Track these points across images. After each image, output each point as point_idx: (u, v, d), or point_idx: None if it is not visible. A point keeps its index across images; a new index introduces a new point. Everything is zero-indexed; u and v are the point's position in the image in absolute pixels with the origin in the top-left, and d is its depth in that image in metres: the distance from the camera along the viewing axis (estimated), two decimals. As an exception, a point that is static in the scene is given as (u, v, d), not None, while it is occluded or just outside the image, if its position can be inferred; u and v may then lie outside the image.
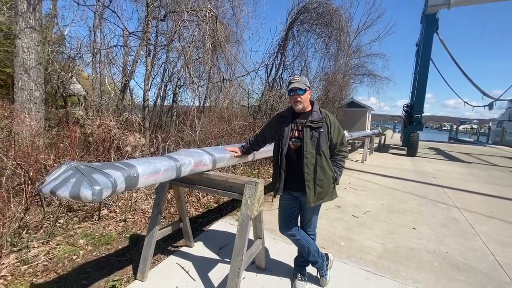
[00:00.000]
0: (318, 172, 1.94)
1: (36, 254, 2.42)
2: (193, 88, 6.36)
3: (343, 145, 2.04)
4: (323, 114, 2.00)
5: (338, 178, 2.04)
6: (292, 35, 8.71)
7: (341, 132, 2.02)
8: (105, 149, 3.73)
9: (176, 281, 2.17)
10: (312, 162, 1.94)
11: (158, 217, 2.22)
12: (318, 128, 1.95)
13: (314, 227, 2.21)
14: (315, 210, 2.12)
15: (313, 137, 1.94)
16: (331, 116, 2.03)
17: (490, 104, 19.66)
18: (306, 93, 1.98)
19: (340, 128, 2.02)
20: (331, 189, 2.03)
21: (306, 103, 2.01)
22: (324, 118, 1.99)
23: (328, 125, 1.98)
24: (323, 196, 2.00)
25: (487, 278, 2.44)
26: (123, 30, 5.79)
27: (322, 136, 1.94)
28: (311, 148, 1.93)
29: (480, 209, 4.38)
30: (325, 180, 1.97)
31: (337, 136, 2.00)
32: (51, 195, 1.19)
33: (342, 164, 2.07)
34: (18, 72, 4.36)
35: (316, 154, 1.94)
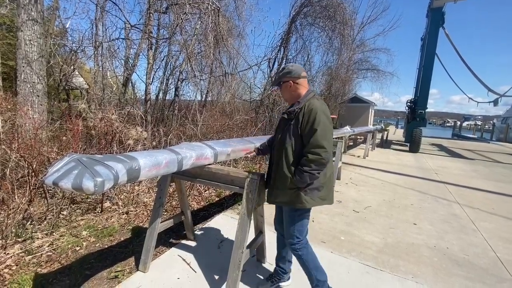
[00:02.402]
0: (277, 170, 1.78)
1: (40, 244, 2.46)
2: (195, 82, 6.35)
3: (313, 145, 1.61)
4: (303, 104, 1.71)
5: (296, 183, 1.68)
6: (295, 29, 8.63)
7: (315, 127, 1.61)
8: (107, 142, 3.76)
9: (177, 272, 2.20)
10: (276, 158, 1.81)
11: (160, 210, 2.24)
12: (289, 120, 1.75)
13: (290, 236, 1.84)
14: (286, 215, 1.86)
15: (283, 131, 1.78)
16: (311, 106, 1.67)
17: (495, 100, 19.44)
18: (283, 86, 1.85)
19: (316, 124, 1.61)
20: (292, 194, 1.72)
21: (286, 96, 1.87)
22: (299, 109, 1.71)
23: (300, 117, 1.68)
24: (280, 199, 1.78)
25: (487, 274, 2.44)
26: (125, 23, 5.77)
27: (290, 129, 1.72)
28: (278, 141, 1.81)
29: (482, 205, 4.37)
30: (281, 180, 1.75)
31: (307, 131, 1.64)
32: (53, 186, 1.20)
33: (302, 169, 1.64)
34: (20, 65, 4.37)
35: (280, 149, 1.77)
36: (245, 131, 6.32)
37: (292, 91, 1.83)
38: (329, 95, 12.04)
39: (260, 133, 6.65)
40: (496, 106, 19.99)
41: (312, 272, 1.86)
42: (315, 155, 1.61)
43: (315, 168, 1.63)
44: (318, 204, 1.75)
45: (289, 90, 1.83)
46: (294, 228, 1.82)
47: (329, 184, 1.79)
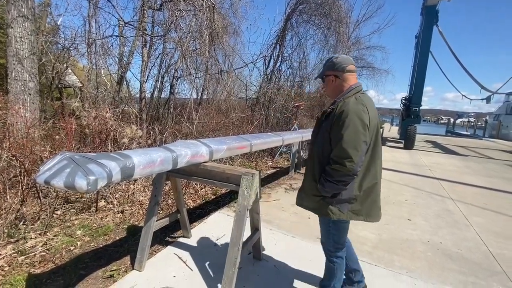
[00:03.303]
0: (307, 173, 1.71)
1: (34, 245, 2.43)
2: (191, 79, 6.31)
3: (337, 153, 1.44)
4: (337, 103, 1.53)
5: (321, 192, 1.55)
6: (291, 26, 8.62)
7: (342, 132, 1.42)
8: (102, 141, 3.71)
9: (173, 270, 2.19)
10: (308, 161, 1.70)
11: (155, 208, 2.22)
12: (323, 121, 1.61)
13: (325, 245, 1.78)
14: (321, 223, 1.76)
15: (316, 132, 1.65)
16: (343, 107, 1.47)
17: (487, 98, 19.71)
18: (326, 80, 1.67)
19: (343, 130, 1.42)
20: (317, 201, 1.61)
21: (329, 92, 1.70)
22: (332, 109, 1.54)
23: (332, 119, 1.50)
24: (307, 203, 1.70)
25: (479, 268, 2.49)
26: (118, 20, 5.69)
27: (322, 131, 1.57)
28: (311, 142, 1.70)
29: (474, 200, 4.44)
30: (308, 184, 1.67)
31: (334, 136, 1.47)
32: (45, 185, 1.19)
33: (325, 177, 1.50)
34: (11, 62, 4.29)
35: (312, 152, 1.67)
36: (241, 129, 6.31)
37: (335, 86, 1.63)
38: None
39: (256, 130, 6.65)
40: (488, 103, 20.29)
41: (333, 281, 1.79)
42: (339, 164, 1.43)
43: (338, 178, 1.45)
44: (350, 218, 1.58)
45: (331, 86, 1.64)
46: (330, 239, 1.72)
47: (367, 198, 1.57)
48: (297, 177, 5.45)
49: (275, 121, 7.97)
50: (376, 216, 1.63)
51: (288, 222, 3.27)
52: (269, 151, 7.10)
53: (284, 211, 3.59)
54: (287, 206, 3.80)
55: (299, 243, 2.76)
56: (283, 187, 4.69)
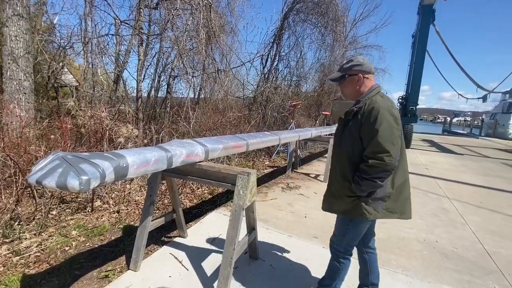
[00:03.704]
0: (334, 176, 1.65)
1: (28, 245, 2.41)
2: (187, 79, 6.29)
3: (374, 149, 1.41)
4: (363, 102, 1.52)
5: (355, 191, 1.52)
6: (288, 25, 8.62)
7: (376, 127, 1.41)
8: (98, 140, 3.69)
9: (169, 270, 2.18)
10: (334, 163, 1.66)
11: (150, 208, 2.21)
12: (348, 121, 1.59)
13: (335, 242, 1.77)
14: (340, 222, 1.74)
15: (341, 133, 1.63)
16: (372, 104, 1.46)
17: (484, 97, 19.84)
18: (348, 79, 1.64)
19: (377, 125, 1.41)
20: (351, 202, 1.56)
21: (348, 91, 1.67)
22: (359, 108, 1.53)
23: (361, 117, 1.49)
24: (337, 207, 1.65)
25: (475, 266, 2.50)
26: (114, 19, 5.65)
27: (350, 131, 1.55)
28: (335, 144, 1.66)
29: (470, 199, 4.46)
30: (338, 187, 1.62)
31: (367, 133, 1.45)
32: (37, 185, 1.17)
33: (361, 175, 1.46)
34: (6, 61, 4.25)
35: (339, 153, 1.63)
36: (239, 128, 6.29)
37: (358, 86, 1.61)
38: (322, 92, 12.07)
39: (253, 130, 6.64)
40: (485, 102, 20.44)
41: (336, 281, 1.79)
42: (376, 160, 1.41)
43: (375, 175, 1.42)
44: (385, 217, 1.56)
45: (355, 85, 1.62)
46: (344, 238, 1.70)
47: (400, 195, 1.57)
48: (294, 176, 5.46)
49: (272, 120, 7.97)
50: (409, 213, 1.63)
51: (285, 221, 3.27)
52: (266, 151, 7.10)
53: (280, 210, 3.59)
54: (283, 205, 3.80)
55: (295, 242, 2.76)
56: (280, 186, 4.69)
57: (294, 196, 4.25)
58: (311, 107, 11.56)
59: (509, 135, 18.88)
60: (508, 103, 20.56)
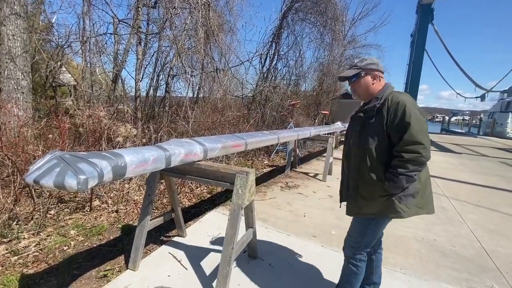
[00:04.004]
0: (361, 176, 1.55)
1: (27, 245, 2.41)
2: (186, 78, 6.27)
3: (409, 142, 1.38)
4: (385, 98, 1.50)
5: (389, 189, 1.47)
6: (287, 24, 8.61)
7: (407, 121, 1.38)
8: (96, 139, 3.68)
9: (168, 270, 2.18)
10: (356, 163, 1.57)
11: (149, 207, 2.21)
12: (370, 118, 1.53)
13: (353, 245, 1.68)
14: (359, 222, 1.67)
15: (362, 130, 1.55)
16: (396, 99, 1.45)
17: (482, 96, 19.93)
18: (364, 77, 1.59)
19: (407, 118, 1.38)
20: (384, 202, 1.51)
21: (362, 90, 1.62)
22: (381, 103, 1.49)
23: (385, 112, 1.46)
24: (367, 209, 1.56)
25: (472, 264, 2.51)
26: (112, 18, 5.63)
27: (371, 128, 1.50)
28: (357, 144, 1.57)
29: (469, 198, 4.48)
30: (367, 188, 1.54)
31: (397, 128, 1.41)
32: (35, 184, 1.17)
33: (397, 171, 1.42)
34: (3, 61, 4.23)
35: (360, 152, 1.54)
36: (237, 128, 6.29)
37: (373, 85, 1.59)
38: (321, 91, 12.08)
39: (252, 129, 6.64)
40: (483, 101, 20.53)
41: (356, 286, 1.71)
42: (412, 153, 1.38)
43: (412, 168, 1.40)
44: (415, 213, 1.52)
45: (369, 84, 1.59)
46: (363, 240, 1.63)
47: (426, 191, 1.56)
48: (293, 175, 5.46)
49: (271, 120, 7.97)
50: (433, 207, 1.61)
51: (284, 220, 3.27)
52: (265, 150, 7.10)
53: (279, 209, 3.60)
54: (282, 204, 3.80)
55: (294, 241, 2.77)
56: (279, 185, 4.70)
57: (293, 195, 4.25)
58: (310, 106, 11.57)
59: (507, 134, 18.96)
60: (506, 102, 20.64)
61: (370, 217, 1.59)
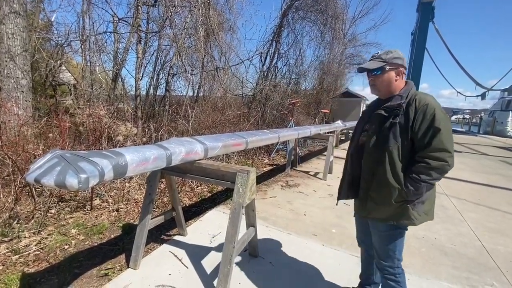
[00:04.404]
0: (376, 179, 1.46)
1: (28, 244, 2.41)
2: (186, 77, 6.27)
3: (437, 149, 1.32)
4: (410, 97, 1.40)
5: (408, 195, 1.39)
6: (287, 23, 8.59)
7: (437, 126, 1.31)
8: (96, 138, 3.68)
9: (169, 268, 2.18)
10: (371, 163, 1.47)
11: (150, 206, 2.21)
12: (393, 117, 1.41)
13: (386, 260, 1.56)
14: (382, 235, 1.55)
15: (382, 129, 1.43)
16: (425, 101, 1.36)
17: (482, 94, 19.90)
18: (388, 72, 1.45)
19: (437, 123, 1.31)
20: (397, 208, 1.43)
21: (383, 85, 1.49)
22: (407, 103, 1.39)
23: (411, 113, 1.36)
24: (377, 214, 1.49)
25: (473, 263, 2.51)
26: (112, 16, 5.61)
27: (395, 128, 1.38)
28: (373, 143, 1.46)
29: (469, 196, 4.48)
30: (381, 191, 1.44)
31: (425, 132, 1.33)
32: (35, 183, 1.17)
33: (419, 178, 1.35)
34: (3, 59, 4.22)
35: (378, 153, 1.43)
36: (238, 126, 6.29)
37: (396, 81, 1.47)
38: (321, 89, 12.06)
39: (253, 128, 6.63)
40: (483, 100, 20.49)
41: None
42: (440, 161, 1.32)
43: (436, 176, 1.35)
44: (424, 220, 1.46)
45: (392, 80, 1.47)
46: (396, 249, 1.52)
47: (431, 196, 1.51)
48: (293, 174, 5.46)
49: (271, 118, 7.97)
50: (433, 213, 1.56)
51: (284, 219, 3.27)
52: (265, 149, 7.10)
53: (280, 208, 3.60)
54: (283, 203, 3.80)
55: (294, 239, 2.77)
56: (280, 184, 4.70)
57: (293, 194, 4.26)
58: (310, 105, 11.55)
59: (507, 132, 18.95)
60: (507, 100, 20.62)
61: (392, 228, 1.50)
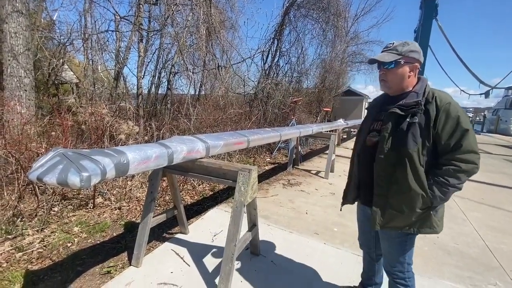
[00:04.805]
0: (395, 184, 1.33)
1: (31, 241, 2.43)
2: (188, 75, 6.27)
3: (466, 151, 1.23)
4: (428, 95, 1.29)
5: (434, 201, 1.29)
6: (289, 21, 8.54)
7: (464, 127, 1.22)
8: (98, 137, 3.69)
9: (170, 266, 2.19)
10: (387, 168, 1.34)
11: (151, 205, 2.22)
12: (410, 117, 1.29)
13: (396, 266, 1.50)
14: (394, 241, 1.46)
15: (398, 130, 1.31)
16: (447, 99, 1.25)
17: (486, 93, 19.73)
18: (403, 66, 1.33)
19: (464, 124, 1.22)
20: (420, 216, 1.32)
21: (396, 81, 1.36)
22: (425, 101, 1.28)
23: (432, 112, 1.25)
24: (398, 223, 1.36)
25: (476, 263, 2.50)
26: (114, 15, 5.61)
27: (415, 128, 1.27)
28: (389, 146, 1.32)
29: (472, 195, 4.46)
30: (403, 198, 1.32)
31: (450, 133, 1.23)
32: (38, 182, 1.17)
33: (448, 182, 1.25)
34: (6, 58, 4.24)
35: (396, 156, 1.31)
36: (239, 125, 6.28)
37: (409, 78, 1.36)
38: (323, 88, 12.02)
39: (254, 126, 6.63)
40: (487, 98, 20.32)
41: None
42: (470, 163, 1.23)
43: (464, 180, 1.27)
44: (442, 226, 1.39)
45: (406, 76, 1.35)
46: (405, 255, 1.46)
47: None
48: (295, 172, 5.45)
49: (273, 117, 7.95)
50: None
51: (286, 217, 3.27)
52: (267, 147, 7.09)
53: (281, 207, 3.60)
54: (285, 201, 3.80)
55: (296, 238, 2.77)
56: (281, 182, 4.70)
57: (295, 192, 4.25)
58: (312, 104, 11.52)
59: (511, 131, 18.80)
60: (511, 99, 20.44)
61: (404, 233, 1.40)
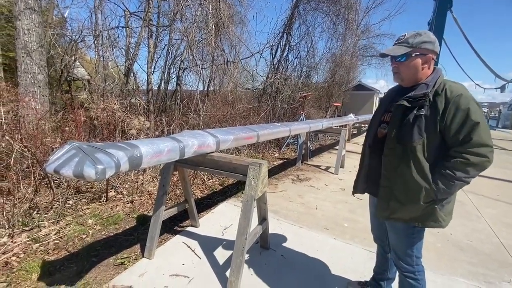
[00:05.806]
0: (399, 177, 1.33)
1: (47, 233, 2.50)
2: (197, 71, 6.27)
3: (477, 144, 1.19)
4: (438, 87, 1.26)
5: (438, 194, 1.27)
6: (298, 14, 8.43)
7: (475, 119, 1.18)
8: (110, 132, 3.76)
9: (182, 258, 2.23)
10: (394, 160, 1.34)
11: (163, 198, 2.25)
12: (417, 109, 1.27)
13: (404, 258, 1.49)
14: (400, 233, 1.46)
15: (404, 122, 1.30)
16: (458, 91, 1.22)
17: (502, 87, 19.05)
18: (416, 58, 1.30)
19: (475, 116, 1.18)
20: (424, 209, 1.31)
21: (409, 72, 1.34)
22: (433, 93, 1.26)
23: (440, 104, 1.23)
24: (401, 214, 1.36)
25: (490, 259, 2.45)
26: (124, 11, 5.65)
27: (420, 121, 1.25)
28: (395, 137, 1.32)
29: (487, 192, 4.34)
30: (407, 190, 1.32)
31: (459, 125, 1.20)
32: (54, 174, 1.20)
33: (454, 174, 1.22)
34: (20, 55, 4.34)
35: (401, 149, 1.30)
36: (248, 120, 6.28)
37: (423, 69, 1.32)
38: (333, 82, 11.86)
39: (263, 122, 6.61)
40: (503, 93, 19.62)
41: None
42: (480, 156, 1.20)
43: (473, 174, 1.22)
44: (449, 221, 1.37)
45: (419, 68, 1.31)
46: (414, 248, 1.45)
47: (455, 194, 1.38)
48: (304, 168, 5.43)
49: (282, 112, 7.91)
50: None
51: (295, 212, 3.27)
52: (276, 143, 7.08)
53: (291, 202, 3.60)
54: (294, 197, 3.79)
55: (306, 233, 2.77)
56: (290, 178, 4.69)
57: (304, 188, 4.24)
58: (322, 98, 11.39)
59: (528, 126, 18.18)
60: (528, 93, 19.71)
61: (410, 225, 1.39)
